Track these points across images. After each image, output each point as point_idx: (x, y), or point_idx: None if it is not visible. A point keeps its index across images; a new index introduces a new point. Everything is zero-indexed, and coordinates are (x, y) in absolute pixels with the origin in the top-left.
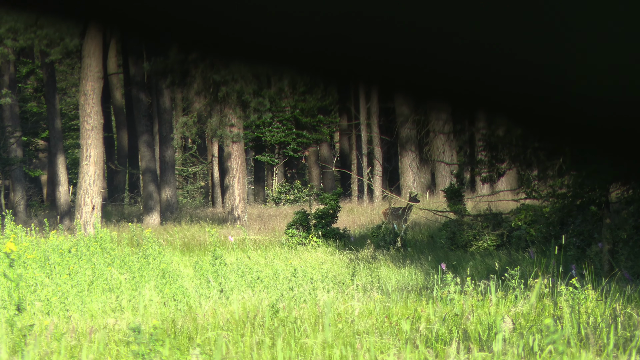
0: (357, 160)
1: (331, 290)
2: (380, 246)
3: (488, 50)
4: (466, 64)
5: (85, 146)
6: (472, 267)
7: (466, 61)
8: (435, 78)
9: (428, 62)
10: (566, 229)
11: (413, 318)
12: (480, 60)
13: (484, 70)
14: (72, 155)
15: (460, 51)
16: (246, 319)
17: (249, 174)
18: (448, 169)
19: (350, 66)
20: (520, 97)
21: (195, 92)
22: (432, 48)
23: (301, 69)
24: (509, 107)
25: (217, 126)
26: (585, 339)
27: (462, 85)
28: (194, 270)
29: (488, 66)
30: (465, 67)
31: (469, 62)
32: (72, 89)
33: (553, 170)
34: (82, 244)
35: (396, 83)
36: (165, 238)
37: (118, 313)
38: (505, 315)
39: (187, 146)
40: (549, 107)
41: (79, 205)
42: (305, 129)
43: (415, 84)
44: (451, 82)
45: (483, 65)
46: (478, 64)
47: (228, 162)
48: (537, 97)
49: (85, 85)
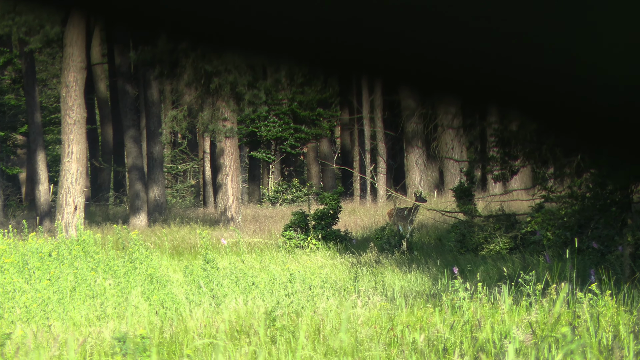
0: (359, 157)
1: (332, 297)
2: (385, 249)
3: (501, 38)
4: (477, 53)
5: (67, 142)
6: (484, 271)
7: (477, 50)
8: (444, 68)
9: (436, 52)
10: (585, 232)
11: (420, 327)
12: (492, 49)
13: (497, 59)
14: (53, 151)
15: (471, 39)
16: (240, 328)
17: (243, 171)
18: (457, 167)
19: (353, 56)
20: (535, 88)
21: (185, 84)
22: (440, 36)
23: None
24: (523, 100)
25: (209, 120)
26: (606, 350)
27: (472, 76)
28: (184, 275)
29: (501, 55)
30: (476, 56)
31: (480, 51)
32: (53, 80)
33: (570, 168)
34: (64, 247)
35: (402, 74)
36: (153, 241)
37: (102, 321)
38: (519, 324)
39: (176, 142)
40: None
41: (60, 206)
42: (304, 123)
43: (423, 74)
44: (461, 73)
45: (495, 54)
46: (490, 53)
47: (221, 159)
48: (554, 89)
49: (67, 76)
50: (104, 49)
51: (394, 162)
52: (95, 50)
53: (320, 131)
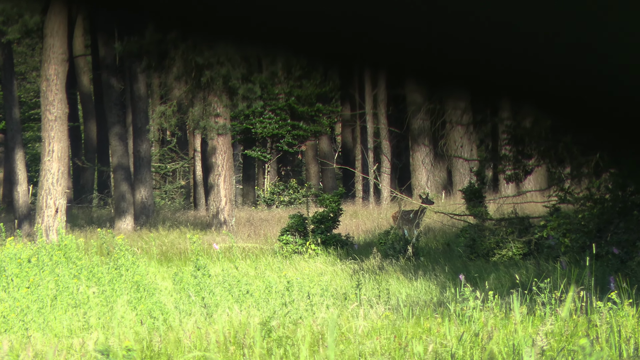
0: (361, 155)
1: (332, 306)
2: (389, 255)
3: (514, 28)
4: (488, 45)
5: (48, 139)
6: (495, 279)
7: (488, 42)
8: (453, 60)
9: (445, 42)
10: (604, 237)
11: (426, 338)
12: (504, 41)
13: (509, 52)
14: (33, 149)
15: (481, 30)
16: (234, 340)
17: (236, 171)
18: (467, 166)
19: (355, 46)
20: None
21: (174, 77)
22: (448, 27)
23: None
24: (538, 94)
25: (200, 116)
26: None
27: (484, 68)
28: (173, 282)
29: (513, 47)
30: (487, 48)
31: (491, 43)
32: (33, 73)
33: (589, 168)
34: (44, 253)
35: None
36: (140, 246)
37: (85, 332)
38: (533, 336)
39: (165, 140)
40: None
41: (40, 208)
42: (302, 119)
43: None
44: (471, 65)
45: (508, 46)
46: (502, 45)
47: (213, 158)
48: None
49: (48, 68)
50: (87, 40)
51: (398, 161)
52: (78, 41)
53: (319, 128)
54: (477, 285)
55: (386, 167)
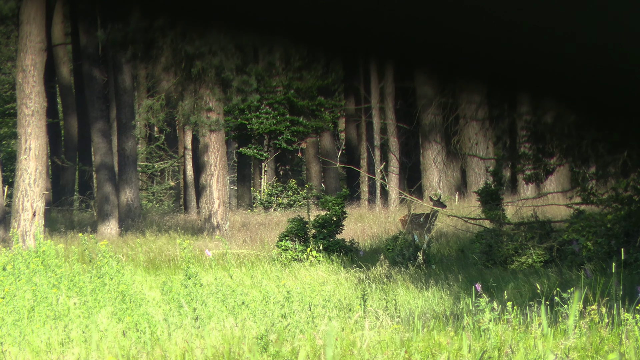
0: (367, 153)
1: (335, 318)
2: (397, 262)
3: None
4: (505, 34)
5: (24, 136)
6: (514, 288)
7: (505, 30)
8: (468, 50)
9: (460, 32)
10: (633, 241)
11: (438, 353)
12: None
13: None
14: (8, 147)
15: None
16: (228, 355)
17: (231, 171)
18: (482, 165)
19: (360, 34)
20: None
21: (162, 68)
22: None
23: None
24: (560, 87)
25: (190, 111)
26: None
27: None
28: (161, 292)
29: (533, 36)
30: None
31: (509, 32)
32: (8, 63)
33: (615, 167)
34: (20, 260)
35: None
36: (125, 252)
37: (66, 347)
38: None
39: (152, 136)
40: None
41: (16, 211)
42: (302, 114)
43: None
44: (488, 56)
45: (527, 35)
46: (521, 34)
47: (204, 157)
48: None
49: (24, 58)
50: (67, 27)
51: (407, 160)
52: (57, 28)
53: (321, 124)
54: (493, 295)
55: (394, 166)
